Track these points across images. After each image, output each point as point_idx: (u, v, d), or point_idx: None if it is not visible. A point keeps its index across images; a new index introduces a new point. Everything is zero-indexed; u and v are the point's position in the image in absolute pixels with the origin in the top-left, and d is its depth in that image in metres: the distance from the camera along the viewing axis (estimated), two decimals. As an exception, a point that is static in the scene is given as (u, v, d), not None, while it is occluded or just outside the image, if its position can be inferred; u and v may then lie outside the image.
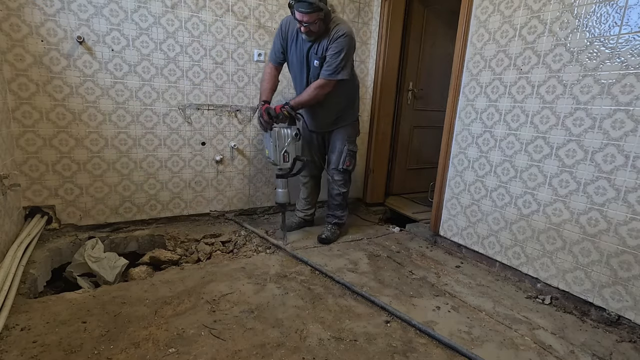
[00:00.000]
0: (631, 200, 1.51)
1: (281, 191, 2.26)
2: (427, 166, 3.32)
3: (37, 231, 2.02)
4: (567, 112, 1.70)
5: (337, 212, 2.45)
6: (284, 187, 2.25)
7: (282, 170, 2.21)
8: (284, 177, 2.23)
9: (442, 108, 2.43)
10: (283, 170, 2.21)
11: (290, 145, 2.16)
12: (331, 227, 2.44)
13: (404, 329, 1.51)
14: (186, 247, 2.27)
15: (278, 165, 2.19)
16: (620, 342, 1.50)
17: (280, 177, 2.23)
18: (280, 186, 2.25)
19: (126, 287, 1.72)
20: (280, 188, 2.25)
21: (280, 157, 2.15)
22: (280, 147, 2.14)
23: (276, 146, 2.14)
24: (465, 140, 2.20)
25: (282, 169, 2.20)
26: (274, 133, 2.13)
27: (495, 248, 2.07)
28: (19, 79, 1.95)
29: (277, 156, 2.15)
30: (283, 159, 2.16)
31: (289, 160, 2.18)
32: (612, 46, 1.53)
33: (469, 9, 2.11)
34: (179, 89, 2.36)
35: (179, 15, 2.27)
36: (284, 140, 2.14)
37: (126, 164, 2.30)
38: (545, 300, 1.78)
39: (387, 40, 2.86)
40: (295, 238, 2.41)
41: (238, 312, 1.55)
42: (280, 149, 2.14)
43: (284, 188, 2.25)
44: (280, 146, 2.14)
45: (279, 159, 2.16)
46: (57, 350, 1.27)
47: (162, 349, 1.30)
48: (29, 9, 1.91)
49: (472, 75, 2.13)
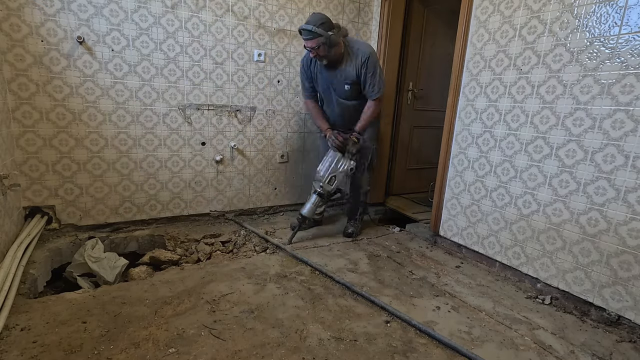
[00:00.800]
0: (631, 200, 1.51)
1: (310, 206, 2.31)
2: (427, 166, 3.31)
3: (37, 231, 2.02)
4: (567, 112, 1.70)
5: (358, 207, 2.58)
6: (313, 205, 2.31)
7: (323, 189, 2.29)
8: (320, 196, 2.32)
9: (442, 108, 2.43)
10: (323, 190, 2.30)
11: (341, 174, 2.29)
12: (356, 222, 2.58)
13: (404, 329, 1.51)
14: (186, 247, 2.27)
15: (321, 182, 2.28)
16: (620, 342, 1.50)
17: (317, 195, 2.31)
18: (311, 202, 2.32)
19: (126, 287, 1.72)
20: (310, 204, 2.31)
21: (327, 177, 2.27)
22: (332, 170, 2.27)
23: (330, 165, 2.27)
24: (465, 140, 2.20)
25: (323, 188, 2.29)
26: (335, 155, 2.28)
27: (495, 248, 2.07)
28: (19, 79, 1.95)
29: (325, 174, 2.27)
30: (328, 181, 2.28)
31: (332, 184, 2.29)
32: (612, 46, 1.53)
33: (469, 9, 2.11)
34: (179, 89, 2.36)
35: (179, 15, 2.27)
36: (339, 166, 2.29)
37: (126, 164, 2.30)
38: (545, 300, 1.78)
39: (387, 40, 2.86)
40: (296, 238, 2.41)
41: (238, 312, 1.55)
42: (332, 171, 2.27)
43: (313, 205, 2.32)
44: (333, 169, 2.27)
45: (325, 178, 2.27)
46: (57, 350, 1.27)
47: (162, 349, 1.30)
48: (29, 9, 1.91)
49: (472, 75, 2.13)
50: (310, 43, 2.08)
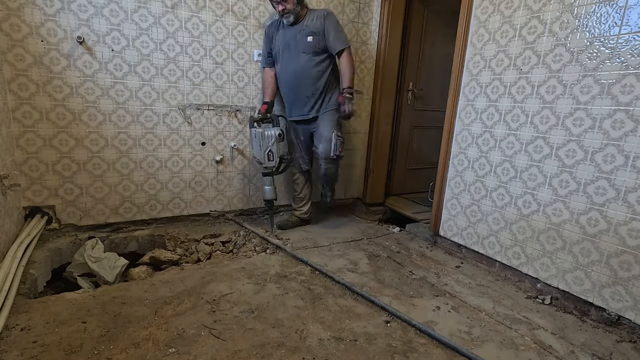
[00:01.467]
0: (631, 200, 1.51)
1: (268, 188, 2.42)
2: (427, 166, 3.31)
3: (37, 231, 2.02)
4: (567, 112, 1.70)
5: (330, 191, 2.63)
6: (270, 185, 2.42)
7: (267, 168, 2.39)
8: (269, 174, 2.41)
9: (442, 108, 2.43)
10: (268, 168, 2.39)
11: (274, 145, 2.33)
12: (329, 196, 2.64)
13: (404, 329, 1.51)
14: (186, 247, 2.27)
15: (263, 164, 2.35)
16: (620, 342, 1.50)
17: (266, 175, 2.41)
18: (266, 184, 2.42)
19: (126, 287, 1.72)
20: (267, 185, 2.42)
21: (265, 156, 2.33)
22: (264, 147, 2.31)
23: (260, 146, 2.32)
24: (465, 140, 2.20)
25: (267, 168, 2.38)
26: (258, 133, 2.30)
27: (495, 248, 2.07)
28: (19, 79, 1.95)
29: (262, 155, 2.33)
30: (268, 158, 2.34)
31: (273, 159, 2.35)
32: (612, 46, 1.53)
33: (469, 9, 2.11)
34: (179, 89, 2.36)
35: (179, 15, 2.27)
36: (268, 140, 2.32)
37: (126, 164, 2.30)
38: (545, 300, 1.78)
39: (387, 40, 2.86)
40: (296, 238, 2.41)
41: (238, 312, 1.55)
42: (264, 149, 2.31)
43: (270, 185, 2.42)
44: (264, 146, 2.31)
45: (263, 158, 2.34)
46: (57, 350, 1.27)
47: (162, 349, 1.30)
48: (29, 9, 1.91)
49: (472, 75, 2.13)
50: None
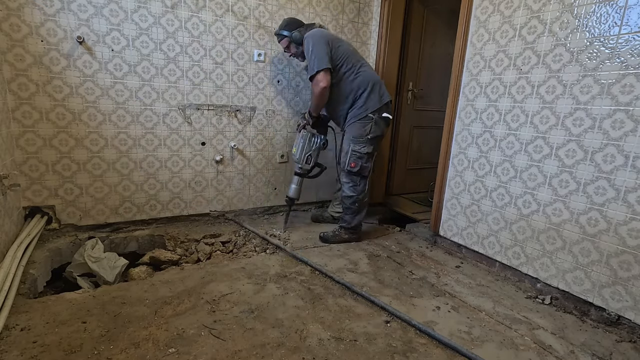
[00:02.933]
0: (631, 200, 1.51)
1: (294, 187, 2.48)
2: (427, 166, 3.32)
3: (37, 231, 2.02)
4: (567, 112, 1.70)
5: (345, 215, 2.38)
6: (297, 185, 2.48)
7: (302, 169, 2.45)
8: (301, 176, 2.48)
9: (442, 108, 2.43)
10: (303, 170, 2.45)
11: (315, 150, 2.41)
12: (336, 229, 2.41)
13: (404, 329, 1.51)
14: (186, 247, 2.27)
15: (299, 164, 2.43)
16: (620, 342, 1.50)
17: (297, 175, 2.48)
18: (295, 183, 2.48)
19: (126, 287, 1.72)
20: (294, 184, 2.48)
21: (304, 158, 2.41)
22: (306, 150, 2.39)
23: (304, 147, 2.39)
24: (465, 140, 2.20)
25: (302, 169, 2.45)
26: (305, 135, 2.38)
27: (495, 248, 2.07)
28: (19, 79, 1.95)
29: (301, 156, 2.41)
30: (305, 161, 2.42)
31: (310, 163, 2.43)
32: (612, 46, 1.53)
33: (469, 9, 2.11)
34: (179, 89, 2.36)
35: (179, 15, 2.27)
36: (312, 144, 2.40)
37: (126, 164, 2.30)
38: (545, 300, 1.78)
39: (387, 40, 2.86)
40: (296, 238, 2.41)
41: (238, 312, 1.55)
42: (306, 151, 2.39)
43: (297, 185, 2.48)
44: (307, 149, 2.39)
45: (302, 160, 2.41)
46: (57, 350, 1.27)
47: (162, 349, 1.30)
48: (29, 9, 1.91)
49: (472, 75, 2.13)
50: (280, 44, 2.38)
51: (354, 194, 2.31)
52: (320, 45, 2.13)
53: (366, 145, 2.24)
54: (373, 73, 2.32)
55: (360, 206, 2.35)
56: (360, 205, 2.34)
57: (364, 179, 2.33)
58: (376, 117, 2.22)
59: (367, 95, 2.22)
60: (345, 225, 2.38)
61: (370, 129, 2.23)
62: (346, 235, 2.39)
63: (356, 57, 2.29)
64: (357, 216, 2.37)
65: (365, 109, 2.23)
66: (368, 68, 2.30)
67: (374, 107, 2.23)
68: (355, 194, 2.31)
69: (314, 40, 2.15)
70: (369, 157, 2.27)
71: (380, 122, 2.25)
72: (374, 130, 2.23)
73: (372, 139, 2.24)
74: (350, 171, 2.27)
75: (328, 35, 2.21)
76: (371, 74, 2.28)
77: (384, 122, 2.27)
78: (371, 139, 2.24)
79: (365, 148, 2.24)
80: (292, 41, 2.28)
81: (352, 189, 2.31)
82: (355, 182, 2.30)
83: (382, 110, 2.25)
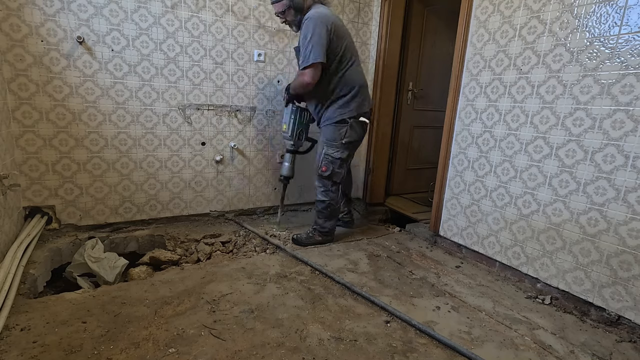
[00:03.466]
0: (631, 200, 1.51)
1: (287, 165, 2.43)
2: (427, 166, 3.32)
3: (37, 231, 2.02)
4: (567, 112, 1.70)
5: (318, 219, 2.29)
6: (290, 162, 2.42)
7: (294, 146, 2.38)
8: (293, 153, 2.41)
9: (442, 108, 2.43)
10: (295, 146, 2.38)
11: (306, 125, 2.33)
12: (310, 231, 2.32)
13: (404, 329, 1.51)
14: (186, 247, 2.27)
15: (291, 140, 2.34)
16: (620, 342, 1.50)
17: (289, 152, 2.41)
18: (287, 160, 2.42)
19: (126, 287, 1.72)
20: (288, 162, 2.42)
21: (296, 134, 2.32)
22: (297, 125, 2.31)
23: (294, 123, 2.30)
24: (465, 140, 2.20)
25: (295, 145, 2.38)
26: (295, 110, 2.29)
27: (495, 248, 2.07)
28: (19, 79, 1.95)
29: (293, 132, 2.32)
30: (298, 137, 2.34)
31: (302, 138, 2.35)
32: (612, 46, 1.53)
33: (469, 9, 2.11)
34: (178, 89, 2.36)
35: (179, 15, 2.27)
36: (302, 119, 2.31)
37: (126, 164, 2.30)
38: (545, 300, 1.78)
39: (387, 40, 2.86)
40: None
41: (238, 312, 1.55)
42: (297, 127, 2.31)
43: (290, 163, 2.42)
44: (298, 124, 2.31)
45: (294, 136, 2.33)
46: (57, 350, 1.27)
47: (162, 349, 1.30)
48: (28, 9, 1.91)
49: (472, 75, 2.13)
50: (277, 7, 2.07)
51: (326, 199, 2.22)
52: (320, 33, 1.93)
53: (339, 149, 2.12)
54: (361, 75, 2.18)
55: (333, 211, 2.27)
56: (332, 210, 2.26)
57: (336, 185, 2.22)
58: (352, 122, 2.10)
59: (350, 98, 2.09)
60: (317, 228, 2.30)
61: (345, 133, 2.11)
62: (320, 237, 2.30)
63: (351, 52, 2.11)
64: (329, 221, 2.29)
65: (342, 113, 2.10)
66: (357, 68, 2.16)
67: (351, 113, 2.10)
68: (327, 199, 2.22)
69: (315, 23, 1.93)
70: (342, 162, 2.16)
71: (357, 127, 2.13)
72: (349, 134, 2.11)
73: (346, 144, 2.13)
74: (322, 175, 2.17)
75: (331, 20, 1.99)
76: (358, 77, 2.14)
77: (360, 126, 2.15)
78: (345, 144, 2.13)
79: (339, 153, 2.13)
80: (292, 6, 2.02)
81: (324, 194, 2.21)
82: (326, 187, 2.20)
83: (361, 115, 2.13)
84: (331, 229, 2.33)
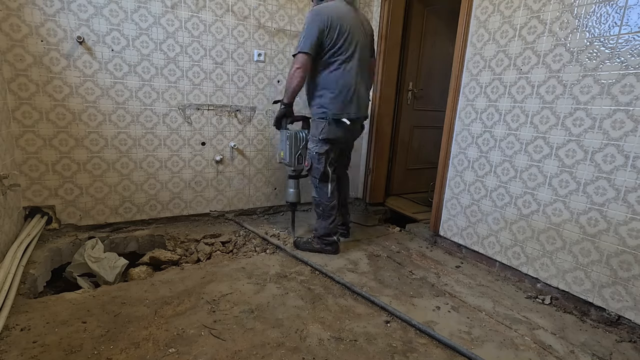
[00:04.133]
0: (631, 200, 1.51)
1: (292, 191, 2.35)
2: (427, 166, 3.32)
3: (37, 231, 2.02)
4: (567, 112, 1.70)
5: (316, 220, 2.21)
6: (295, 188, 2.35)
7: (295, 171, 2.32)
8: (295, 178, 2.34)
9: (442, 108, 2.43)
10: (296, 171, 2.32)
11: (304, 148, 2.25)
12: (310, 237, 2.27)
13: (404, 329, 1.51)
14: (186, 247, 2.27)
15: (292, 167, 2.29)
16: (620, 342, 1.50)
17: (292, 178, 2.34)
18: (291, 186, 2.35)
19: (126, 287, 1.72)
20: (292, 188, 2.35)
21: (295, 159, 2.26)
22: (294, 150, 2.25)
23: (291, 148, 2.24)
24: (465, 140, 2.20)
25: (296, 170, 2.31)
26: (289, 134, 2.23)
27: (495, 248, 2.07)
28: (19, 79, 1.95)
29: (291, 159, 2.26)
30: (297, 161, 2.27)
31: (302, 162, 2.26)
32: (612, 46, 1.53)
33: (469, 9, 2.11)
34: (179, 89, 2.36)
35: (179, 15, 2.27)
36: (299, 142, 2.25)
37: (126, 164, 2.30)
38: (545, 300, 1.78)
39: (387, 40, 2.86)
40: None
41: (238, 312, 1.55)
42: (294, 152, 2.25)
43: (295, 188, 2.35)
44: (295, 149, 2.25)
45: (293, 162, 2.26)
46: (57, 351, 1.27)
47: (162, 349, 1.30)
48: (28, 9, 1.91)
49: (472, 75, 2.13)
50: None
51: (317, 197, 2.17)
52: (311, 27, 1.94)
53: (317, 144, 2.08)
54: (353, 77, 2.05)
55: (324, 211, 2.15)
56: (324, 210, 2.15)
57: (325, 184, 2.13)
58: (330, 119, 2.04)
59: (333, 97, 2.03)
60: (315, 234, 2.20)
61: (322, 129, 2.06)
62: (317, 245, 2.19)
63: (351, 50, 2.02)
64: (322, 222, 2.16)
65: (323, 110, 2.06)
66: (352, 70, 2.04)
67: (331, 111, 2.04)
68: (317, 196, 2.16)
69: (312, 17, 1.95)
70: (320, 157, 2.08)
71: (334, 125, 2.05)
72: (327, 131, 2.06)
73: (323, 140, 2.07)
74: (309, 171, 2.16)
75: (327, 14, 1.95)
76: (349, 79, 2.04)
77: (338, 126, 2.06)
78: (322, 140, 2.07)
79: (317, 147, 2.08)
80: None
81: (315, 190, 2.18)
82: (314, 184, 2.16)
83: (342, 115, 2.05)
84: (325, 234, 2.16)
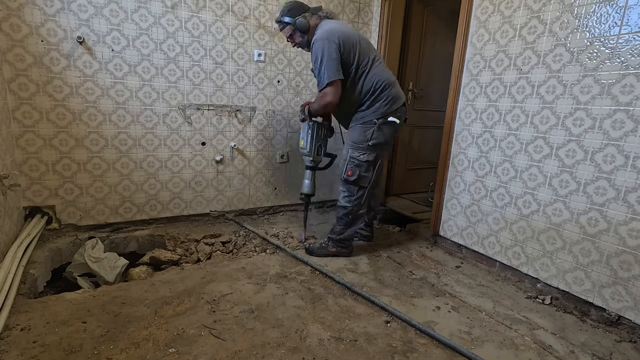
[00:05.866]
0: (631, 200, 1.51)
1: (308, 182, 2.32)
2: (427, 166, 3.32)
3: (37, 231, 2.02)
4: (567, 112, 1.70)
5: (337, 226, 2.15)
6: (310, 179, 2.32)
7: (314, 162, 2.29)
8: (313, 169, 2.31)
9: (442, 108, 2.43)
10: (314, 162, 2.29)
11: (325, 139, 2.27)
12: (324, 241, 2.20)
13: (404, 329, 1.51)
14: (186, 247, 2.27)
15: (310, 156, 2.27)
16: (620, 342, 1.50)
17: (309, 169, 2.31)
18: (307, 177, 2.32)
19: (126, 287, 1.72)
20: (307, 179, 2.32)
21: (315, 149, 2.24)
22: (316, 140, 2.23)
23: (312, 138, 2.22)
24: (465, 140, 2.20)
25: (314, 161, 2.29)
26: (312, 125, 2.21)
27: (495, 248, 2.07)
28: (19, 79, 1.95)
29: (311, 148, 2.24)
30: (317, 152, 2.26)
31: (321, 153, 2.27)
32: (612, 46, 1.53)
33: (469, 9, 2.11)
34: (179, 89, 2.36)
35: (179, 15, 2.27)
36: (320, 134, 2.24)
37: (126, 164, 2.30)
38: (545, 300, 1.78)
39: (387, 40, 2.86)
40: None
41: (238, 312, 1.55)
42: (315, 142, 2.23)
43: (310, 180, 2.32)
44: (316, 139, 2.23)
45: (312, 152, 2.24)
46: (57, 350, 1.27)
47: (162, 349, 1.30)
48: (29, 9, 1.91)
49: (472, 75, 2.13)
50: (282, 32, 2.08)
51: (349, 206, 2.08)
52: (329, 52, 1.87)
53: (366, 152, 2.00)
54: (385, 72, 2.02)
55: (354, 218, 2.12)
56: (354, 217, 2.11)
57: (362, 190, 2.07)
58: (380, 123, 1.97)
59: (375, 97, 1.98)
60: (333, 237, 2.15)
61: (372, 135, 1.98)
62: (334, 249, 2.15)
63: (367, 53, 1.99)
64: (349, 228, 2.14)
65: (366, 114, 2.00)
66: (380, 65, 2.01)
67: (378, 113, 1.97)
68: (350, 205, 2.08)
69: (323, 44, 1.88)
70: (369, 165, 2.02)
71: (384, 128, 1.99)
72: (377, 136, 1.98)
73: (373, 146, 1.99)
74: (347, 180, 2.04)
75: (337, 35, 1.90)
76: (382, 74, 1.99)
77: (388, 127, 2.00)
78: (373, 146, 1.99)
79: (365, 155, 2.00)
80: (297, 29, 1.99)
81: (347, 199, 2.08)
82: (351, 192, 2.07)
83: (389, 114, 1.99)
84: (348, 237, 2.16)
